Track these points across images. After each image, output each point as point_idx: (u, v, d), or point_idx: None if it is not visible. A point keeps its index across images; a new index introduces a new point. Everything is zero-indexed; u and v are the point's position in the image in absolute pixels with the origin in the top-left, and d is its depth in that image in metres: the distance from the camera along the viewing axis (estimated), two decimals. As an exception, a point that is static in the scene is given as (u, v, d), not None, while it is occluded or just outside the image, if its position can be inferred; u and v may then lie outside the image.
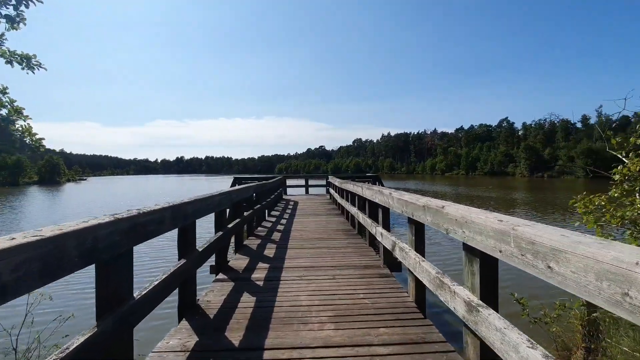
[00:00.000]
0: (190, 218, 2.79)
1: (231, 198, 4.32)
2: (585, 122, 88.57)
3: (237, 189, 4.75)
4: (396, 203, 3.31)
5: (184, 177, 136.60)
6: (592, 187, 17.02)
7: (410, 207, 2.86)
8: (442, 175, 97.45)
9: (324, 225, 7.42)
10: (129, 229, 1.78)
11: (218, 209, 3.84)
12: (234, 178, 14.52)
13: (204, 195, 3.25)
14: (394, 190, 3.62)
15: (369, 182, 14.47)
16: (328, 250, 5.04)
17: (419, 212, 2.64)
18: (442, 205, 2.20)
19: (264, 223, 7.91)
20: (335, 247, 5.26)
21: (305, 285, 3.47)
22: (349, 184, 7.26)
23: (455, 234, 1.95)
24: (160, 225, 2.18)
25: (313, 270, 3.99)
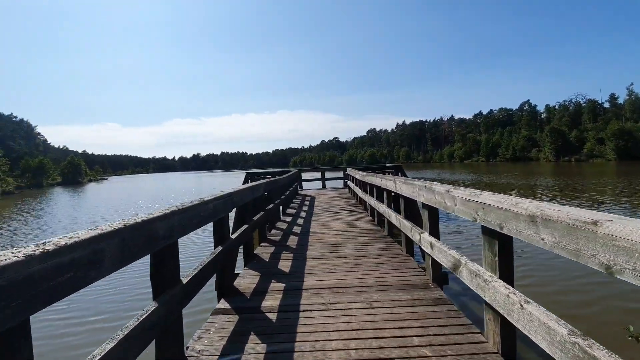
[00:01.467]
0: (164, 240, 1.89)
1: (233, 202, 3.43)
2: (613, 102, 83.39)
3: (242, 189, 3.85)
4: (461, 206, 2.32)
5: (201, 173, 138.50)
6: (625, 170, 15.65)
7: (494, 215, 1.87)
8: (461, 163, 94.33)
9: (347, 225, 6.47)
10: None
11: (214, 218, 2.94)
12: (246, 174, 13.73)
13: (189, 203, 2.34)
14: (452, 187, 2.62)
15: (391, 172, 13.38)
16: (356, 260, 4.09)
17: (516, 224, 1.65)
18: (592, 219, 1.20)
19: (278, 224, 7.04)
20: (364, 255, 4.31)
21: (332, 319, 2.54)
22: (374, 176, 6.27)
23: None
24: (90, 269, 1.28)
25: (341, 293, 3.06)
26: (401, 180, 4.10)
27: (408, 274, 3.50)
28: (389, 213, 4.90)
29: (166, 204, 16.29)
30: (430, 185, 2.98)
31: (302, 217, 7.85)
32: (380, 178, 5.60)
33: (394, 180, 4.46)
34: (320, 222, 6.99)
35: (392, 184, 4.58)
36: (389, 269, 3.72)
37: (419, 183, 3.34)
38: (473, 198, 2.11)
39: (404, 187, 3.91)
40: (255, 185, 4.73)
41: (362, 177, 8.02)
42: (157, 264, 1.95)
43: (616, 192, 16.91)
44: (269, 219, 6.32)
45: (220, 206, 2.96)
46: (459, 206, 2.34)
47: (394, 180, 4.44)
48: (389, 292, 3.01)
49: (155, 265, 1.95)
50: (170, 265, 2.02)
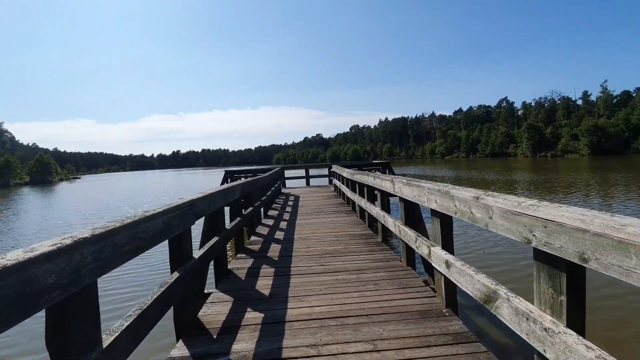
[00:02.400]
0: (60, 292, 1.17)
1: (196, 211, 2.70)
2: (586, 99, 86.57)
3: (210, 194, 3.12)
4: (501, 220, 1.70)
5: (181, 171, 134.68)
6: (599, 165, 15.18)
7: (570, 239, 1.26)
8: (442, 159, 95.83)
9: (335, 230, 5.83)
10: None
11: (169, 236, 2.21)
12: (225, 172, 12.85)
13: (121, 222, 1.61)
14: (481, 192, 2.01)
15: (378, 170, 12.85)
16: (349, 276, 3.46)
17: (620, 258, 1.04)
18: None
19: (259, 228, 6.32)
20: (358, 268, 3.68)
21: (327, 373, 1.89)
22: (365, 175, 5.65)
23: None
24: None
25: (335, 327, 2.41)
26: (402, 180, 3.48)
27: (414, 295, 2.90)
28: (385, 217, 4.29)
29: (139, 206, 14.91)
30: (446, 189, 2.36)
31: (285, 220, 7.16)
32: (373, 177, 4.98)
33: (391, 181, 3.85)
34: (305, 226, 6.32)
35: (389, 185, 3.96)
36: (389, 287, 3.10)
37: (428, 185, 2.73)
38: (527, 211, 1.50)
39: (406, 189, 3.29)
40: (230, 188, 4.00)
41: (350, 175, 7.40)
42: (54, 326, 1.23)
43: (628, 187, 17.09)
44: (248, 224, 5.60)
45: (174, 220, 2.24)
46: (498, 220, 1.73)
47: (392, 180, 3.82)
48: (395, 324, 2.39)
49: (53, 327, 1.23)
50: (82, 326, 1.31)
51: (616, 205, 11.46)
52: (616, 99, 77.16)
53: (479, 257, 6.38)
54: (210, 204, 3.12)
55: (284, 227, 6.34)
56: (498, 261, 6.17)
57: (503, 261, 6.14)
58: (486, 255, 6.58)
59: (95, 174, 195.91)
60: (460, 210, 2.14)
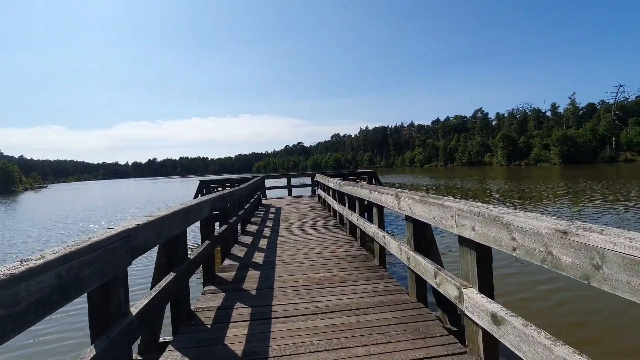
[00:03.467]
0: None
1: (134, 245, 1.87)
2: (554, 111, 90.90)
3: (155, 220, 2.22)
4: (625, 274, 1.02)
5: (157, 180, 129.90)
6: (570, 173, 15.00)
7: None
8: (421, 168, 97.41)
9: (323, 250, 5.07)
10: None
11: (77, 295, 1.39)
12: (200, 182, 11.83)
13: None
14: (564, 222, 1.32)
15: (364, 179, 12.25)
16: (348, 319, 2.70)
17: None
18: None
19: (234, 249, 5.47)
20: (358, 306, 2.93)
21: None
22: (358, 187, 4.95)
23: None
24: None
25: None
26: (411, 196, 2.79)
27: (437, 350, 2.17)
28: (386, 239, 3.59)
29: (103, 219, 13.46)
30: (493, 212, 1.67)
31: (265, 237, 6.33)
32: (368, 190, 4.29)
33: (395, 195, 3.15)
34: (289, 245, 5.52)
35: (391, 200, 3.27)
36: (402, 336, 2.37)
37: (459, 206, 2.04)
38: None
39: (420, 207, 2.60)
40: (195, 206, 3.17)
41: (338, 186, 6.69)
42: None
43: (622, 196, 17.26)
44: (222, 245, 4.75)
45: (90, 267, 1.42)
46: (618, 274, 1.04)
47: (396, 195, 3.12)
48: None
49: None
50: None
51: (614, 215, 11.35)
52: (582, 111, 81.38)
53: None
54: (161, 230, 2.30)
55: (264, 247, 5.51)
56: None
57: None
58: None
59: (64, 182, 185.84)
60: (526, 246, 1.45)
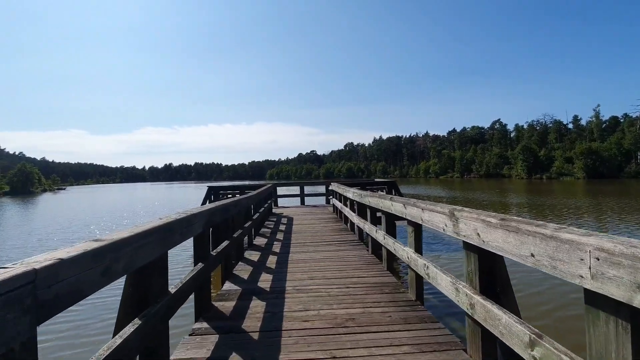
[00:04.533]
0: None
1: (32, 304, 1.09)
2: (576, 123, 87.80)
3: (100, 248, 1.46)
4: None
5: (172, 184, 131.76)
6: (594, 188, 13.43)
7: None
8: (436, 178, 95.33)
9: (343, 273, 4.23)
10: None
11: None
12: (209, 188, 11.18)
13: None
14: None
15: (383, 189, 11.38)
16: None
17: None
18: None
19: (238, 267, 4.69)
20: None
21: None
22: (386, 199, 4.11)
23: None
24: None
25: None
26: (487, 218, 1.94)
27: None
28: (432, 271, 2.73)
29: (111, 224, 12.94)
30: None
31: (275, 253, 5.54)
32: (402, 204, 3.45)
33: (450, 214, 2.31)
34: (301, 265, 4.71)
35: (442, 220, 2.43)
36: None
37: (596, 242, 1.19)
38: None
39: (499, 236, 1.75)
40: (181, 221, 2.39)
41: (358, 197, 5.86)
42: None
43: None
44: (222, 264, 3.98)
45: None
46: None
47: (451, 213, 2.28)
48: None
49: None
50: None
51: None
52: (605, 124, 78.28)
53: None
54: (115, 261, 1.52)
55: (273, 266, 4.71)
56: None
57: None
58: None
59: (83, 185, 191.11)
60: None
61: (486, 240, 1.93)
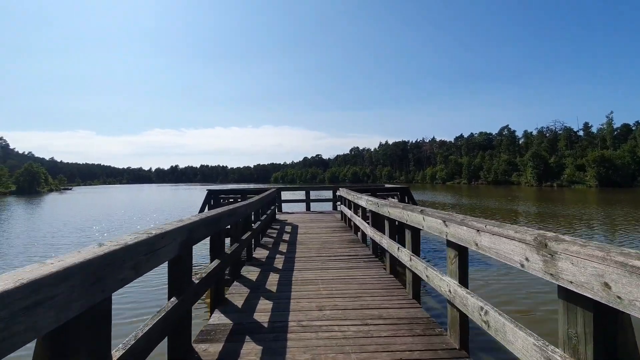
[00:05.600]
0: None
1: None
2: (587, 131, 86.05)
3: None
4: None
5: (178, 186, 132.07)
6: (608, 197, 11.98)
7: None
8: (443, 184, 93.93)
9: (359, 302, 3.44)
10: None
11: None
12: (208, 192, 10.47)
13: None
14: None
15: (395, 196, 10.56)
16: None
17: None
18: None
19: (232, 290, 3.93)
20: None
21: None
22: (417, 213, 3.32)
23: None
24: None
25: None
26: (633, 259, 1.17)
27: None
28: (497, 321, 1.93)
29: (115, 228, 12.15)
30: None
31: (276, 270, 4.77)
32: (441, 220, 2.66)
33: (537, 243, 1.53)
34: (307, 288, 3.93)
35: (522, 252, 1.65)
36: None
37: None
38: None
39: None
40: (135, 246, 1.64)
41: (374, 206, 5.07)
42: None
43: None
44: (212, 288, 3.22)
45: None
46: None
47: (539, 240, 1.51)
48: None
49: None
50: None
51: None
52: (616, 132, 76.53)
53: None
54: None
55: (274, 289, 3.94)
56: None
57: None
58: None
59: (89, 185, 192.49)
60: None
61: (625, 296, 1.14)
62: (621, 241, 11.01)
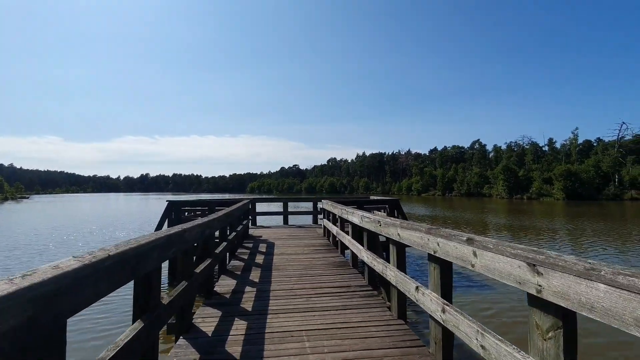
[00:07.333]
0: None
1: None
2: (551, 146, 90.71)
3: None
4: None
5: (148, 195, 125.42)
6: (576, 210, 11.53)
7: None
8: (418, 196, 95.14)
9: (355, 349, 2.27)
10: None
11: None
12: (169, 204, 8.95)
13: None
14: None
15: (383, 209, 9.54)
16: None
17: None
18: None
19: (178, 349, 2.63)
20: None
21: None
22: (460, 244, 2.23)
23: None
24: None
25: None
26: None
27: None
28: None
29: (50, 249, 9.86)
30: None
31: (244, 315, 3.50)
32: (494, 249, 1.57)
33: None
34: (288, 346, 2.70)
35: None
36: None
37: None
38: None
39: None
40: None
41: (374, 225, 3.94)
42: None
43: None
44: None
45: None
46: None
47: None
48: None
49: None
50: None
51: None
52: (578, 147, 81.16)
53: None
54: None
55: (238, 355, 2.68)
56: None
57: None
58: None
59: (51, 194, 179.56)
60: None
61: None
62: (594, 254, 10.56)
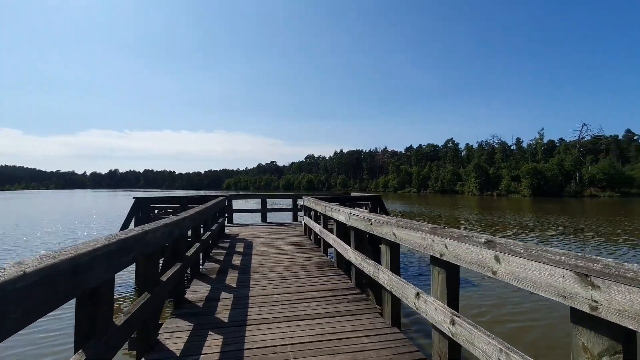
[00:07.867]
0: None
1: None
2: (519, 145, 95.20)
3: None
4: None
5: (117, 192, 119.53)
6: (542, 205, 12.08)
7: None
8: (395, 193, 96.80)
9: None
10: None
11: None
12: (135, 201, 8.24)
13: None
14: None
15: (366, 206, 9.30)
16: None
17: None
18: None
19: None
20: None
21: None
22: (479, 247, 1.94)
23: None
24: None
25: None
26: None
27: None
28: None
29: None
30: None
31: (219, 327, 3.08)
32: (528, 255, 1.29)
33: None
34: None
35: None
36: None
37: None
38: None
39: None
40: None
41: (364, 224, 3.61)
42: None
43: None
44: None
45: None
46: None
47: None
48: None
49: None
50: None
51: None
52: (543, 147, 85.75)
53: None
54: None
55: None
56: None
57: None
58: None
59: (9, 190, 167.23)
60: None
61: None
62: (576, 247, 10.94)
